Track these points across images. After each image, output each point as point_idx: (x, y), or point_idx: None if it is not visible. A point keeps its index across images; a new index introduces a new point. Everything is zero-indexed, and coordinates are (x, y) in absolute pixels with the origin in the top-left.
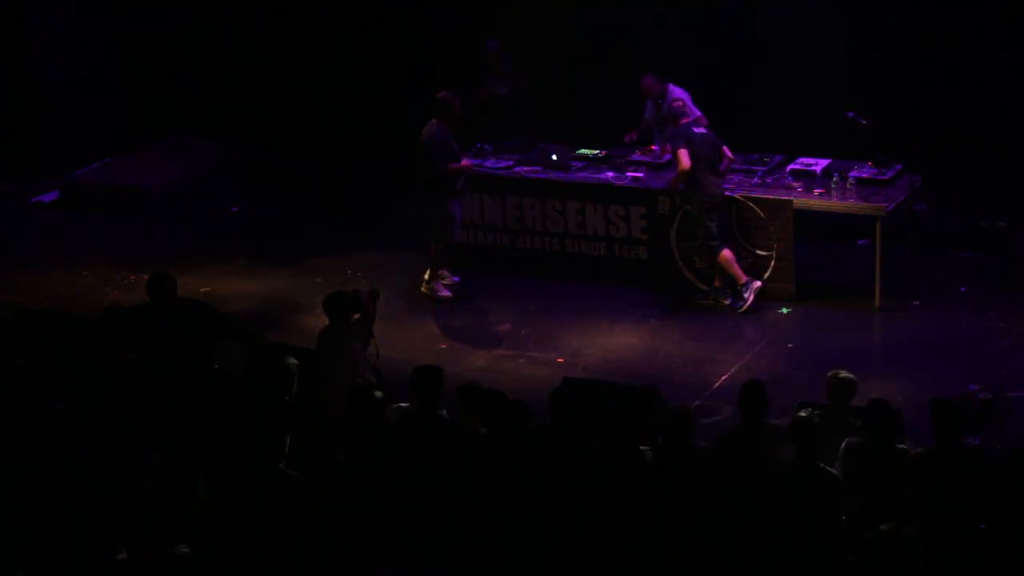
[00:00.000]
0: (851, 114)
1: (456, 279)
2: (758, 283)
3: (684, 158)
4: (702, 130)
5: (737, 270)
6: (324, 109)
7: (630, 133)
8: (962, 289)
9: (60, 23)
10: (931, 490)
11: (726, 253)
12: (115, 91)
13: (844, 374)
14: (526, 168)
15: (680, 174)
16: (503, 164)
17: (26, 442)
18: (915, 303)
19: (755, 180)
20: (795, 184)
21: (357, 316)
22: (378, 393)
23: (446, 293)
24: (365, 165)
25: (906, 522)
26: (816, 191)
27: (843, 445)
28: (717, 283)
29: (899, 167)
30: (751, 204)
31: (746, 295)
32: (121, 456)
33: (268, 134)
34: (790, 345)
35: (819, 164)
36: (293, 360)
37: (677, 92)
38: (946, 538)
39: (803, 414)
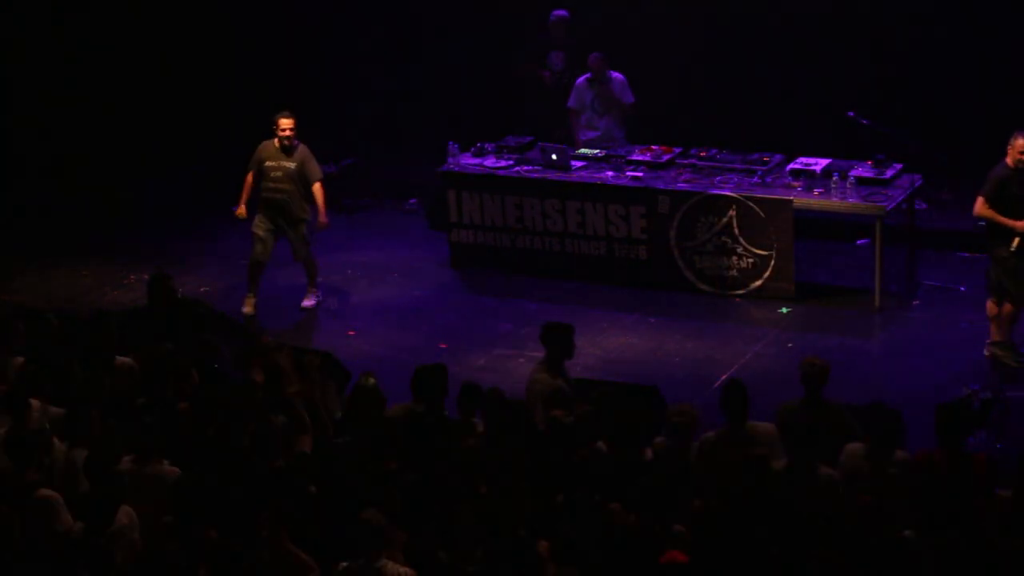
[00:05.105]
0: (851, 114)
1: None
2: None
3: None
4: None
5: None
6: (324, 108)
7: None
8: (962, 289)
9: None
10: (931, 492)
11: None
12: None
13: (812, 358)
14: (526, 168)
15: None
16: (503, 164)
17: (25, 443)
18: (915, 303)
19: (755, 180)
20: (795, 184)
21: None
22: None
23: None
24: (364, 164)
25: (905, 525)
26: (816, 191)
27: (843, 447)
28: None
29: (899, 167)
30: (751, 204)
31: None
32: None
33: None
34: (790, 345)
35: (819, 164)
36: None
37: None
38: (945, 540)
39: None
